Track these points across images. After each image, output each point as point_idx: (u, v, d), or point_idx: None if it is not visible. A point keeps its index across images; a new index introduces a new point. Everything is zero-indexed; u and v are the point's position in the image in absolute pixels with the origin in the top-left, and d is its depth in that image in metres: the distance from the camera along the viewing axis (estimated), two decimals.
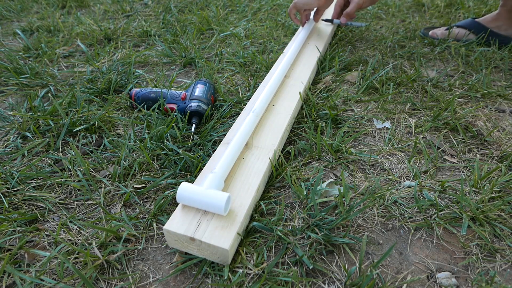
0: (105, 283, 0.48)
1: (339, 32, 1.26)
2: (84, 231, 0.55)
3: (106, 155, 0.70)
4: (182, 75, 1.01)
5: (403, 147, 0.72)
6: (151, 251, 0.53)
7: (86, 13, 1.48)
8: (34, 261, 0.51)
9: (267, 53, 1.12)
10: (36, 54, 1.09)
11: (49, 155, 0.69)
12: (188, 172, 0.65)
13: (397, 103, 0.86)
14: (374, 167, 0.67)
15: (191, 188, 0.51)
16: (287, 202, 0.60)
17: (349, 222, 0.56)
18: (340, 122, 0.80)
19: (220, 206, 0.49)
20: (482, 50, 1.08)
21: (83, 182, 0.62)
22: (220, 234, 0.48)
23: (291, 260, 0.50)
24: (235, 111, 0.82)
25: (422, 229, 0.56)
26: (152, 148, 0.69)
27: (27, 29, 1.29)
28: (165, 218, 0.56)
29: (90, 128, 0.76)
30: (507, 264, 0.51)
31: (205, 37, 1.25)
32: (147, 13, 1.46)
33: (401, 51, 1.12)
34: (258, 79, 0.95)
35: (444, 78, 0.97)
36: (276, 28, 1.31)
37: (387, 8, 1.51)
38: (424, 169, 0.66)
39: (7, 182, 0.63)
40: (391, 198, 0.60)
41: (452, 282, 0.48)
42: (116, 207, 0.60)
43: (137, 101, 0.82)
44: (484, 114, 0.82)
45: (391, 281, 0.48)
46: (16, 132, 0.75)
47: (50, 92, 0.90)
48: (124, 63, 1.03)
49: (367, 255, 0.52)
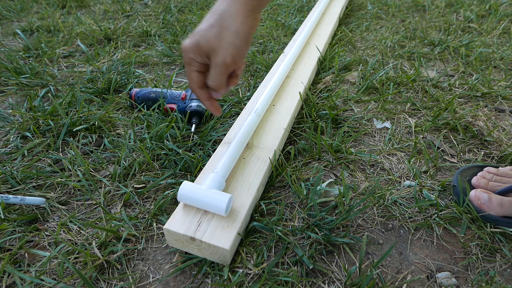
0: (105, 283, 0.48)
1: (339, 32, 1.26)
2: (84, 231, 0.55)
3: (106, 155, 0.70)
4: (182, 75, 1.01)
5: (403, 147, 0.72)
6: (151, 251, 0.53)
7: (86, 13, 1.48)
8: (34, 261, 0.51)
9: (267, 53, 1.12)
10: (36, 54, 1.09)
11: (49, 155, 0.69)
12: (188, 172, 0.65)
13: (397, 103, 0.86)
14: (374, 167, 0.67)
15: (193, 187, 0.51)
16: (287, 202, 0.60)
17: (349, 222, 0.56)
18: (340, 122, 0.80)
19: (222, 207, 0.49)
20: (482, 50, 1.08)
21: (83, 182, 0.62)
22: (220, 234, 0.48)
23: (291, 260, 0.50)
24: (235, 111, 0.82)
25: (422, 229, 0.56)
26: (152, 148, 0.69)
27: (27, 29, 1.29)
28: (165, 218, 0.56)
29: (90, 128, 0.76)
30: (507, 264, 0.51)
31: None
32: (147, 13, 1.46)
33: (401, 51, 1.12)
34: (258, 79, 0.95)
35: (444, 78, 0.97)
36: (276, 28, 1.31)
37: (387, 8, 1.51)
38: (424, 169, 0.66)
39: (7, 182, 0.63)
40: (391, 198, 0.60)
41: (452, 282, 0.48)
42: (116, 207, 0.59)
43: (137, 101, 0.82)
44: (484, 114, 0.82)
45: (391, 281, 0.48)
46: (16, 132, 0.75)
47: (50, 92, 0.90)
48: (124, 63, 1.03)
49: (367, 255, 0.52)
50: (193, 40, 0.46)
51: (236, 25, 0.45)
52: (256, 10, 0.48)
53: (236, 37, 0.45)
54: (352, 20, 1.39)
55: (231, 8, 0.45)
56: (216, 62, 0.46)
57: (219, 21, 0.45)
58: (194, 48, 0.46)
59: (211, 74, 0.48)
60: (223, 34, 0.45)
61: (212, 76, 0.48)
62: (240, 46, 0.46)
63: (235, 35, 0.45)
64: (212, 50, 0.46)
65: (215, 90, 0.50)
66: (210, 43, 0.45)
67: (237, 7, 0.45)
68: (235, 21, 0.45)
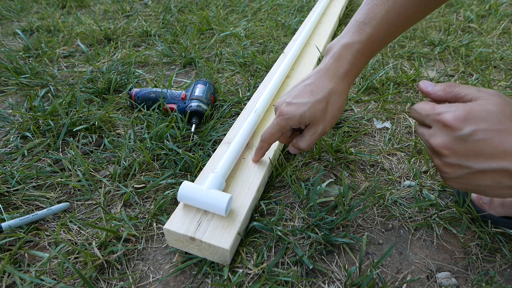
0: (105, 283, 0.48)
1: (339, 32, 1.26)
2: (84, 231, 0.55)
3: (106, 155, 0.70)
4: (182, 75, 1.01)
5: (403, 147, 0.72)
6: (151, 251, 0.53)
7: (86, 13, 1.48)
8: (34, 261, 0.51)
9: (267, 53, 1.12)
10: (36, 54, 1.09)
11: (49, 155, 0.69)
12: (188, 172, 0.65)
13: (397, 103, 0.86)
14: (374, 167, 0.67)
15: (193, 187, 0.51)
16: (287, 202, 0.60)
17: (349, 222, 0.56)
18: (340, 122, 0.80)
19: (222, 207, 0.49)
20: (482, 50, 1.08)
21: (83, 182, 0.62)
22: (220, 234, 0.48)
23: (291, 260, 0.50)
24: (235, 111, 0.82)
25: (422, 229, 0.56)
26: (152, 148, 0.69)
27: (27, 29, 1.29)
28: (165, 218, 0.56)
29: (90, 128, 0.76)
30: (507, 264, 0.51)
31: (205, 37, 1.25)
32: (147, 13, 1.46)
33: (401, 51, 1.12)
34: (258, 79, 0.95)
35: (444, 78, 0.97)
36: (276, 28, 1.31)
37: None
38: (424, 169, 0.66)
39: (7, 182, 0.63)
40: (391, 198, 0.60)
41: (452, 282, 0.48)
42: (116, 207, 0.59)
43: (137, 101, 0.82)
44: None
45: (391, 281, 0.48)
46: (16, 132, 0.75)
47: (50, 92, 0.90)
48: (124, 63, 1.03)
49: (367, 255, 0.52)
50: (299, 111, 0.50)
51: (340, 101, 0.51)
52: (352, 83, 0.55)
53: (339, 112, 0.51)
54: None
55: (339, 88, 0.51)
56: (316, 131, 0.51)
57: (327, 98, 0.50)
58: (297, 118, 0.50)
59: (306, 139, 0.52)
60: (328, 109, 0.50)
61: (307, 141, 0.52)
62: (339, 117, 0.53)
63: (338, 110, 0.51)
64: (315, 121, 0.51)
65: (302, 151, 0.57)
66: (316, 116, 0.50)
67: (344, 87, 0.51)
68: (341, 98, 0.51)
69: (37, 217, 0.56)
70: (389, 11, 0.48)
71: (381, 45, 0.51)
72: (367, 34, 0.49)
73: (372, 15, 0.49)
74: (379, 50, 0.52)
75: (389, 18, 0.49)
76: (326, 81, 0.50)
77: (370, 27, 0.49)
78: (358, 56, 0.50)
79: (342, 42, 0.51)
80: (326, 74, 0.51)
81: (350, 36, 0.50)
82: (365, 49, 0.50)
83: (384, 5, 0.48)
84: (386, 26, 0.49)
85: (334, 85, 0.50)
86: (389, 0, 0.48)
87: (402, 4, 0.48)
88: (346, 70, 0.51)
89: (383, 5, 0.48)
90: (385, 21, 0.49)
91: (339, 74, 0.51)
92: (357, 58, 0.50)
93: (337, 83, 0.50)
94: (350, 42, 0.50)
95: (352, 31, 0.51)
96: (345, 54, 0.50)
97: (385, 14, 0.48)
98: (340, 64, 0.51)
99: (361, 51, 0.50)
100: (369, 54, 0.51)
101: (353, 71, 0.51)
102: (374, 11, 0.49)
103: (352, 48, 0.50)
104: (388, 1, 0.48)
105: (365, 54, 0.51)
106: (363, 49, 0.50)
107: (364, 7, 0.51)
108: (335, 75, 0.51)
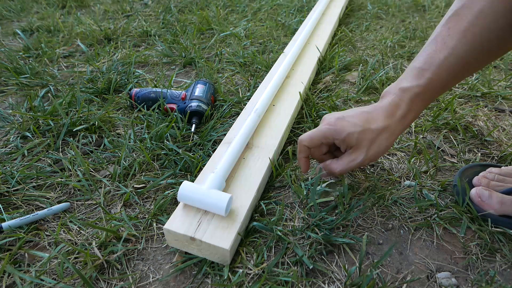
0: (105, 283, 0.48)
1: (339, 32, 1.26)
2: (84, 231, 0.55)
3: (106, 155, 0.70)
4: (182, 75, 1.01)
5: (403, 147, 0.72)
6: (151, 251, 0.53)
7: (86, 13, 1.48)
8: (34, 261, 0.51)
9: (267, 53, 1.12)
10: (36, 54, 1.09)
11: (49, 155, 0.69)
12: (188, 172, 0.65)
13: None
14: (374, 167, 0.67)
15: (193, 187, 0.51)
16: (287, 202, 0.60)
17: (349, 222, 0.56)
18: None
19: (222, 207, 0.49)
20: None
21: (83, 182, 0.62)
22: (220, 234, 0.48)
23: (291, 260, 0.50)
24: (235, 111, 0.82)
25: (422, 229, 0.56)
26: (152, 148, 0.69)
27: (27, 29, 1.29)
28: (165, 218, 0.56)
29: (90, 128, 0.76)
30: (507, 264, 0.51)
31: (205, 37, 1.25)
32: (147, 13, 1.46)
33: (401, 51, 1.12)
34: (258, 79, 0.95)
35: None
36: (276, 28, 1.31)
37: (387, 8, 1.51)
38: (424, 169, 0.66)
39: (7, 182, 0.63)
40: (391, 198, 0.60)
41: (452, 282, 0.48)
42: (116, 207, 0.59)
43: (137, 101, 0.82)
44: (484, 114, 0.82)
45: (391, 281, 0.48)
46: (16, 132, 0.75)
47: (50, 92, 0.90)
48: (124, 63, 1.03)
49: (367, 255, 0.52)
50: (349, 129, 0.51)
51: (389, 141, 0.52)
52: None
53: (384, 151, 0.52)
54: (352, 20, 1.39)
55: (393, 127, 0.51)
56: (356, 159, 0.52)
57: (379, 131, 0.51)
58: (344, 135, 0.51)
59: (343, 163, 0.54)
60: (376, 142, 0.52)
61: (343, 165, 0.53)
62: (381, 156, 0.54)
63: (384, 148, 0.52)
64: (359, 148, 0.52)
65: (332, 175, 0.57)
66: (362, 142, 0.51)
67: (398, 129, 0.52)
68: (390, 138, 0.52)
69: (37, 217, 0.56)
70: (448, 56, 0.47)
71: (440, 91, 0.51)
72: (426, 79, 0.49)
73: (431, 61, 0.49)
74: (438, 95, 0.52)
75: (448, 64, 0.48)
76: (383, 117, 0.51)
77: (430, 72, 0.49)
78: (416, 101, 0.50)
79: (400, 86, 0.51)
80: (384, 111, 0.51)
81: (410, 81, 0.50)
82: (423, 94, 0.50)
83: (443, 51, 0.48)
84: (446, 72, 0.48)
85: (390, 123, 0.50)
86: (448, 46, 0.47)
87: (462, 51, 0.47)
88: (404, 113, 0.50)
89: (442, 51, 0.48)
90: (444, 67, 0.48)
91: (396, 116, 0.51)
92: (415, 102, 0.50)
93: (393, 122, 0.51)
94: (409, 87, 0.50)
95: (411, 76, 0.50)
96: (403, 97, 0.50)
97: (444, 59, 0.48)
98: (398, 106, 0.51)
99: (420, 96, 0.50)
100: (427, 99, 0.51)
101: (409, 115, 0.51)
102: (433, 57, 0.48)
103: (411, 91, 0.50)
104: (448, 47, 0.47)
105: (424, 99, 0.50)
106: (422, 93, 0.50)
107: (422, 53, 0.50)
108: (392, 115, 0.51)
